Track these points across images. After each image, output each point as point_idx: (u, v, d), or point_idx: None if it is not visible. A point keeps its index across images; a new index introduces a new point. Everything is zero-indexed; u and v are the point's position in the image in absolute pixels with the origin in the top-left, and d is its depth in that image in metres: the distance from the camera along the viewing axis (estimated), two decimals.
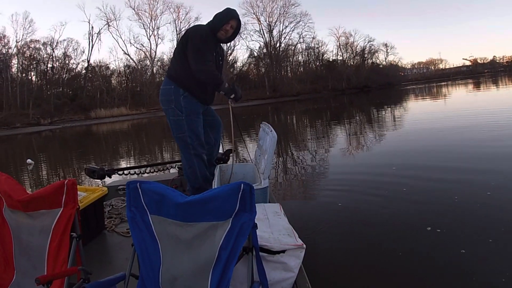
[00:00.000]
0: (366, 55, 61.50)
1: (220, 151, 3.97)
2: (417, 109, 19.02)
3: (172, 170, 4.79)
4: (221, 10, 3.28)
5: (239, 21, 3.31)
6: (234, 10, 3.27)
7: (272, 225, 2.07)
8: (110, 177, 4.55)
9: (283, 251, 1.81)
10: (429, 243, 3.38)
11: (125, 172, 4.49)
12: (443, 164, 6.27)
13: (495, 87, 30.73)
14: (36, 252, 1.70)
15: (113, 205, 3.69)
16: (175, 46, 3.36)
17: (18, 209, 1.76)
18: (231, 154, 4.10)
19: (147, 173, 4.68)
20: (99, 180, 4.55)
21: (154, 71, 53.05)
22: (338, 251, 3.44)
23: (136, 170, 4.62)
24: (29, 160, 12.11)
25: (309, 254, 2.05)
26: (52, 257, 1.65)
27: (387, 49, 62.77)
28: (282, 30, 57.43)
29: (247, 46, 73.72)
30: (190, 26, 3.40)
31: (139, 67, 54.38)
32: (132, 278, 1.60)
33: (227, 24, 3.21)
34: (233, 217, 1.47)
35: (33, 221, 1.73)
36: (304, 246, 1.87)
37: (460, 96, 25.38)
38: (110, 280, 1.56)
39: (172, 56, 3.46)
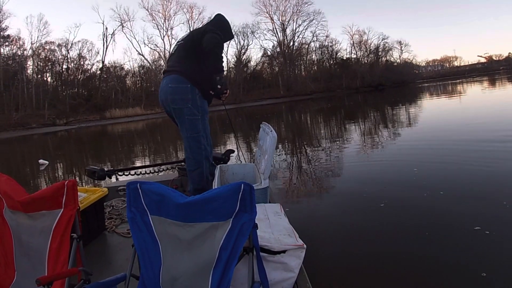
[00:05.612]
0: (380, 53, 61.15)
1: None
2: (435, 109, 18.70)
3: (172, 171, 4.80)
4: (226, 23, 3.37)
5: None
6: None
7: (273, 225, 2.06)
8: (111, 178, 4.57)
9: (284, 251, 1.79)
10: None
11: (126, 172, 4.51)
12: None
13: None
14: (36, 253, 1.71)
15: (113, 205, 3.70)
16: (183, 43, 3.28)
17: (19, 210, 1.78)
18: (231, 155, 4.09)
19: (148, 173, 4.70)
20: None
21: None
22: (341, 251, 3.36)
23: (137, 170, 4.65)
24: (41, 160, 11.48)
25: (310, 254, 2.02)
26: (52, 258, 1.66)
27: (401, 47, 62.33)
28: (296, 28, 57.60)
29: (261, 45, 74.04)
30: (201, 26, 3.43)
31: (153, 67, 54.91)
32: (132, 278, 1.60)
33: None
34: (233, 217, 1.46)
35: (34, 222, 1.74)
36: (305, 246, 1.85)
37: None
38: (110, 281, 1.57)
39: (177, 53, 3.33)
